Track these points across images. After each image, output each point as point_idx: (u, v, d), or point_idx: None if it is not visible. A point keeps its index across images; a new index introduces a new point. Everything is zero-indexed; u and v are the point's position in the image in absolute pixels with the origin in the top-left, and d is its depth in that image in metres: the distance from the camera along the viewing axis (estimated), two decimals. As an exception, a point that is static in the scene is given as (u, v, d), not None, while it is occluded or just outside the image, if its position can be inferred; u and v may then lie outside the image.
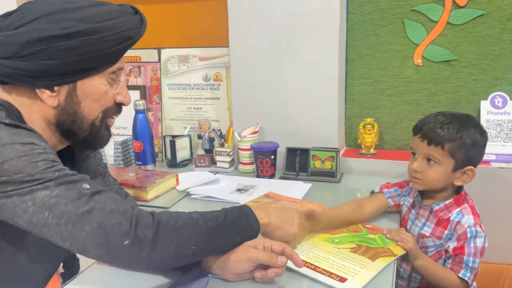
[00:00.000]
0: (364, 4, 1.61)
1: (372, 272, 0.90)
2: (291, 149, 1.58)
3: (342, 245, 1.01)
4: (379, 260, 0.94)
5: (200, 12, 1.81)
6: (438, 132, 1.07)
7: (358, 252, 0.98)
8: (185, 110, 1.85)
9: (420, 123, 1.13)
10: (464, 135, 1.06)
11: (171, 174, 1.51)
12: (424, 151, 1.10)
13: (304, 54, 1.56)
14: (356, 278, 0.88)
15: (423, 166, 1.10)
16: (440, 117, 1.10)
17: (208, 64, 1.80)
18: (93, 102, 0.85)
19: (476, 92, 1.56)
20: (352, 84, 1.69)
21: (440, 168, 1.08)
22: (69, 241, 0.74)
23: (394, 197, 1.24)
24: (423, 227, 1.14)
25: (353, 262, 0.93)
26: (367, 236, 1.05)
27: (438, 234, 1.11)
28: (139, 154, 1.70)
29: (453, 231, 1.09)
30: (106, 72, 0.84)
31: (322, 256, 0.96)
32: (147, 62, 1.89)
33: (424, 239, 1.14)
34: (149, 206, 1.35)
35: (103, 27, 0.79)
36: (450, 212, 1.10)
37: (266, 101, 1.64)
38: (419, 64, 1.60)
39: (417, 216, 1.17)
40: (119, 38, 0.82)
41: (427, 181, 1.11)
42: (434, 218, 1.13)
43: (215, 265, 0.89)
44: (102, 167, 1.07)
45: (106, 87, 0.86)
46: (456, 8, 1.51)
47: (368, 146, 1.63)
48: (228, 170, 1.66)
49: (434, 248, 1.13)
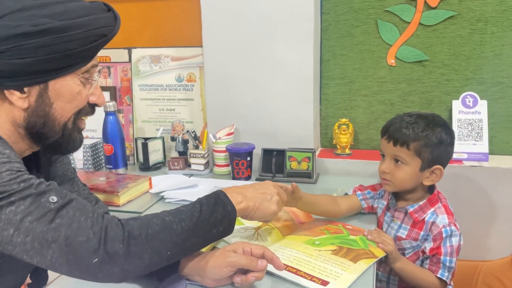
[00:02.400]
0: (338, 5, 1.61)
1: (354, 274, 0.89)
2: (267, 150, 1.56)
3: (323, 247, 0.99)
4: (360, 262, 0.93)
5: (172, 11, 1.76)
6: (404, 132, 1.08)
7: (339, 254, 0.96)
8: (158, 111, 1.80)
9: (387, 124, 1.14)
10: (429, 134, 1.07)
11: (143, 177, 1.46)
12: (391, 152, 1.10)
13: (279, 54, 1.55)
14: (338, 281, 0.87)
15: (391, 167, 1.11)
16: (406, 118, 1.11)
17: (181, 64, 1.75)
18: (65, 103, 0.81)
19: (448, 92, 1.58)
20: (327, 85, 1.69)
21: (407, 168, 1.09)
22: (36, 259, 0.71)
23: (367, 199, 1.24)
24: (399, 230, 1.14)
25: (334, 265, 0.92)
26: (348, 237, 1.04)
27: (414, 236, 1.12)
28: (110, 157, 1.64)
29: (428, 231, 1.10)
30: (79, 71, 0.80)
31: (303, 259, 0.94)
32: (117, 62, 1.84)
33: (401, 241, 1.14)
34: (122, 211, 1.30)
35: (76, 24, 0.76)
36: (424, 213, 1.11)
37: (241, 102, 1.62)
38: (392, 65, 1.61)
39: (393, 218, 1.17)
40: (93, 36, 0.78)
41: (396, 182, 1.11)
42: (409, 220, 1.13)
43: (193, 271, 0.87)
44: (71, 172, 1.02)
45: (79, 87, 0.81)
46: (428, 9, 1.53)
47: (343, 146, 1.63)
48: (203, 173, 1.63)
49: (411, 250, 1.13)
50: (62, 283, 0.92)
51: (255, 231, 1.07)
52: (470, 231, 1.46)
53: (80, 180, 1.05)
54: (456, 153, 1.52)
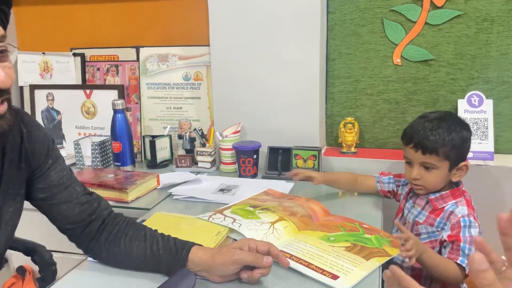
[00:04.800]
0: (344, 4, 1.62)
1: (365, 271, 0.90)
2: (273, 148, 1.58)
3: (337, 244, 1.01)
4: (373, 260, 0.94)
5: (180, 10, 1.78)
6: (432, 140, 1.10)
7: (352, 251, 0.97)
8: (165, 109, 1.82)
9: (409, 132, 1.15)
10: (454, 136, 1.10)
11: (151, 174, 1.48)
12: (419, 159, 1.13)
13: (285, 53, 1.56)
14: (348, 276, 0.88)
15: (421, 173, 1.14)
16: (427, 124, 1.13)
17: (188, 63, 1.77)
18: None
19: (453, 91, 1.59)
20: (333, 84, 1.70)
21: (437, 172, 1.12)
22: None
23: (383, 183, 1.32)
24: (418, 215, 1.18)
25: (346, 261, 0.93)
26: (363, 236, 1.05)
27: (430, 222, 1.15)
28: (118, 154, 1.67)
29: (445, 220, 1.12)
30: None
31: (316, 253, 0.96)
32: (125, 61, 1.86)
33: (418, 226, 1.17)
34: (130, 207, 1.32)
35: None
36: (445, 203, 1.14)
37: (248, 100, 1.64)
38: (398, 64, 1.62)
39: (414, 205, 1.21)
40: None
41: (428, 186, 1.14)
42: (429, 207, 1.17)
43: (200, 267, 0.88)
44: (67, 179, 0.94)
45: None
46: (434, 8, 1.54)
47: (349, 145, 1.64)
48: (210, 170, 1.65)
49: (426, 236, 1.15)
50: (71, 278, 0.93)
51: (271, 224, 1.09)
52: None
53: (78, 183, 0.97)
54: (471, 143, 1.52)
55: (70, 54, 1.90)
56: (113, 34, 1.88)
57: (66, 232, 0.95)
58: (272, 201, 1.27)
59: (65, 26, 1.93)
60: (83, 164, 1.71)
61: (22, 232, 1.28)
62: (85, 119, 1.90)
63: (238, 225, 1.09)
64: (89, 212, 0.94)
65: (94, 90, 1.87)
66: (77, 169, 1.67)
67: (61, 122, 1.93)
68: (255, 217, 1.13)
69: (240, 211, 1.17)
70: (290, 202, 1.25)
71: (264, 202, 1.25)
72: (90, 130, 1.89)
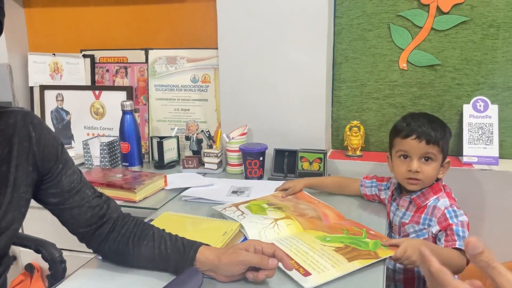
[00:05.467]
0: (352, 9, 1.64)
1: (340, 272, 0.91)
2: (279, 150, 1.59)
3: (330, 243, 1.02)
4: (355, 262, 0.95)
5: (189, 13, 1.81)
6: (434, 131, 1.14)
7: (340, 251, 0.98)
8: (173, 111, 1.85)
9: (407, 126, 1.17)
10: (446, 132, 1.16)
11: (159, 175, 1.50)
12: (422, 150, 1.14)
13: (292, 57, 1.58)
14: (320, 274, 0.89)
15: (421, 165, 1.15)
16: (422, 119, 1.17)
17: (196, 66, 1.80)
18: None
19: (459, 96, 1.60)
20: (339, 87, 1.72)
21: (435, 164, 1.15)
22: None
23: (367, 187, 1.34)
24: (404, 216, 1.20)
25: (327, 260, 0.95)
26: (362, 239, 1.05)
27: (416, 220, 1.17)
28: (126, 155, 1.69)
29: (430, 215, 1.14)
30: None
31: (304, 250, 0.98)
32: (134, 63, 1.89)
33: (405, 227, 1.19)
34: (138, 207, 1.35)
35: None
36: (427, 200, 1.17)
37: (255, 103, 1.66)
38: (404, 68, 1.63)
39: (398, 207, 1.23)
40: None
41: (426, 179, 1.16)
42: (413, 207, 1.19)
43: (207, 267, 0.89)
44: (77, 183, 0.95)
45: None
46: (440, 14, 1.55)
47: (354, 148, 1.66)
48: (216, 172, 1.67)
49: (414, 235, 1.17)
50: (81, 275, 0.95)
51: (274, 221, 1.12)
52: (479, 233, 1.48)
53: (88, 186, 0.98)
54: (466, 157, 1.54)
55: (80, 55, 1.93)
56: (122, 36, 1.91)
57: (77, 235, 0.97)
58: (289, 201, 1.29)
59: (76, 28, 1.96)
60: (92, 164, 1.74)
61: (32, 230, 1.31)
62: (94, 120, 1.92)
63: (242, 218, 1.13)
64: (100, 215, 0.95)
65: (103, 91, 1.90)
66: (85, 169, 1.69)
67: (70, 122, 1.96)
68: (263, 213, 1.16)
69: (254, 207, 1.21)
70: (306, 205, 1.27)
71: (281, 202, 1.28)
72: (98, 130, 1.92)
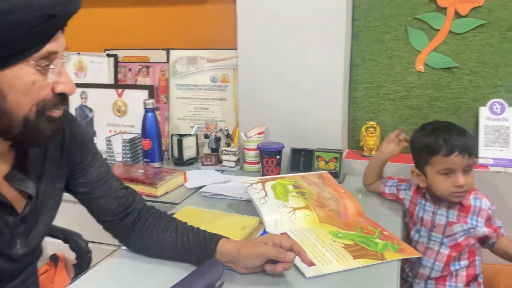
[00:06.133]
0: (369, 12, 1.66)
1: (342, 267, 0.94)
2: (296, 149, 1.63)
3: (340, 240, 1.06)
4: (359, 260, 0.98)
5: (210, 15, 1.85)
6: (470, 143, 1.18)
7: (348, 249, 1.02)
8: (192, 110, 1.90)
9: (445, 142, 1.16)
10: (473, 140, 1.20)
11: (179, 171, 1.55)
12: (465, 163, 1.17)
13: (310, 58, 1.61)
14: (324, 267, 0.94)
15: (465, 178, 1.18)
16: (452, 132, 1.18)
17: (216, 66, 1.84)
18: (20, 96, 0.71)
19: (476, 98, 1.61)
20: (356, 88, 1.74)
21: (473, 171, 1.19)
22: None
23: (387, 185, 1.38)
24: (449, 215, 1.22)
25: (334, 254, 0.99)
26: (374, 239, 1.08)
27: (463, 220, 1.20)
28: (148, 151, 1.75)
29: (477, 216, 1.19)
30: (32, 58, 0.70)
31: (313, 243, 1.03)
32: (156, 63, 1.94)
33: (452, 226, 1.21)
34: (159, 202, 1.40)
35: (15, 6, 0.65)
36: (468, 199, 1.21)
37: (272, 103, 1.69)
38: (421, 71, 1.65)
39: (438, 207, 1.24)
40: (38, 17, 0.68)
41: (469, 188, 1.19)
42: (455, 205, 1.22)
43: (227, 258, 0.93)
44: (105, 174, 1.00)
45: (34, 76, 0.72)
46: (458, 17, 1.57)
47: (370, 148, 1.68)
48: (234, 169, 1.71)
49: (462, 233, 1.20)
50: (106, 265, 1.00)
51: (293, 210, 1.16)
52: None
53: (115, 178, 1.03)
54: (482, 159, 1.55)
55: (104, 54, 2.00)
56: (145, 37, 1.97)
57: (104, 224, 1.02)
58: (316, 186, 1.31)
59: (100, 28, 2.03)
60: (114, 159, 1.80)
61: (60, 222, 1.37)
62: (116, 117, 1.99)
63: (263, 202, 1.17)
64: (125, 205, 1.00)
65: (126, 89, 1.96)
66: (108, 165, 1.75)
67: (93, 120, 2.02)
68: (285, 199, 1.20)
69: (279, 187, 1.25)
70: (331, 193, 1.28)
71: (309, 185, 1.30)
72: (120, 127, 1.98)
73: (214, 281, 0.86)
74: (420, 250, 1.25)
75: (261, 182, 1.27)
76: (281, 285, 0.91)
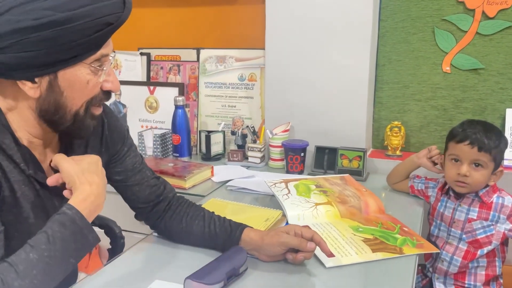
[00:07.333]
0: (396, 12, 1.68)
1: (361, 259, 0.98)
2: (320, 147, 1.67)
3: (361, 234, 1.09)
4: (378, 253, 1.01)
5: (239, 15, 1.91)
6: (488, 140, 1.19)
7: (368, 242, 1.05)
8: (220, 107, 1.96)
9: (463, 132, 1.22)
10: (501, 143, 1.21)
11: (206, 166, 1.62)
12: (472, 156, 1.20)
13: (336, 58, 1.65)
14: (343, 258, 0.97)
15: (470, 170, 1.21)
16: (479, 127, 1.21)
17: (244, 65, 1.90)
18: (76, 93, 0.82)
19: (502, 100, 1.61)
20: (381, 88, 1.77)
21: (484, 171, 1.20)
22: None
23: (414, 182, 1.42)
24: (469, 212, 1.24)
25: (353, 247, 1.03)
26: (393, 234, 1.11)
27: (484, 216, 1.22)
28: (177, 146, 1.82)
29: (499, 212, 1.21)
30: (87, 60, 0.80)
31: (334, 236, 1.07)
32: (186, 61, 2.02)
33: (472, 223, 1.23)
34: (188, 194, 1.46)
35: (78, 15, 0.74)
36: (491, 197, 1.23)
37: (298, 102, 1.74)
38: (447, 72, 1.66)
39: (459, 203, 1.26)
40: (97, 25, 0.77)
41: (473, 184, 1.21)
42: (477, 202, 1.24)
43: (250, 246, 0.99)
44: (139, 164, 1.07)
45: (89, 76, 0.81)
46: (486, 19, 1.57)
47: (394, 148, 1.70)
48: (259, 165, 1.76)
49: (482, 230, 1.22)
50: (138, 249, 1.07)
51: (315, 205, 1.21)
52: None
53: (148, 168, 1.09)
54: (507, 160, 1.55)
55: (138, 53, 2.08)
56: (176, 36, 2.05)
57: (137, 210, 1.09)
58: (337, 186, 1.35)
59: (134, 28, 2.11)
60: (145, 153, 1.88)
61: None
62: (148, 113, 2.07)
63: (286, 198, 1.22)
64: (157, 194, 1.07)
65: (157, 87, 2.04)
66: (139, 158, 1.84)
67: (126, 115, 2.11)
68: (307, 195, 1.25)
69: (301, 186, 1.30)
70: (352, 191, 1.32)
71: (331, 186, 1.35)
72: (151, 123, 2.07)
73: (238, 266, 0.91)
74: (440, 245, 1.28)
75: (284, 182, 1.32)
76: (301, 273, 0.95)
